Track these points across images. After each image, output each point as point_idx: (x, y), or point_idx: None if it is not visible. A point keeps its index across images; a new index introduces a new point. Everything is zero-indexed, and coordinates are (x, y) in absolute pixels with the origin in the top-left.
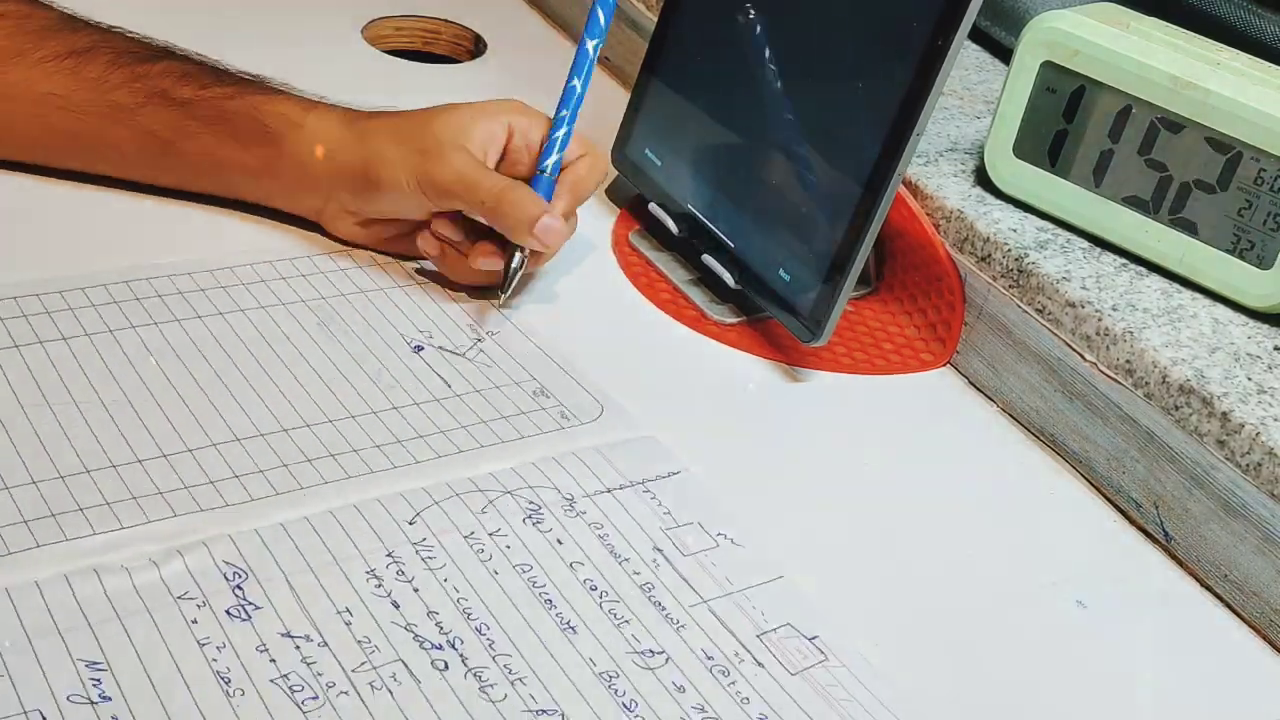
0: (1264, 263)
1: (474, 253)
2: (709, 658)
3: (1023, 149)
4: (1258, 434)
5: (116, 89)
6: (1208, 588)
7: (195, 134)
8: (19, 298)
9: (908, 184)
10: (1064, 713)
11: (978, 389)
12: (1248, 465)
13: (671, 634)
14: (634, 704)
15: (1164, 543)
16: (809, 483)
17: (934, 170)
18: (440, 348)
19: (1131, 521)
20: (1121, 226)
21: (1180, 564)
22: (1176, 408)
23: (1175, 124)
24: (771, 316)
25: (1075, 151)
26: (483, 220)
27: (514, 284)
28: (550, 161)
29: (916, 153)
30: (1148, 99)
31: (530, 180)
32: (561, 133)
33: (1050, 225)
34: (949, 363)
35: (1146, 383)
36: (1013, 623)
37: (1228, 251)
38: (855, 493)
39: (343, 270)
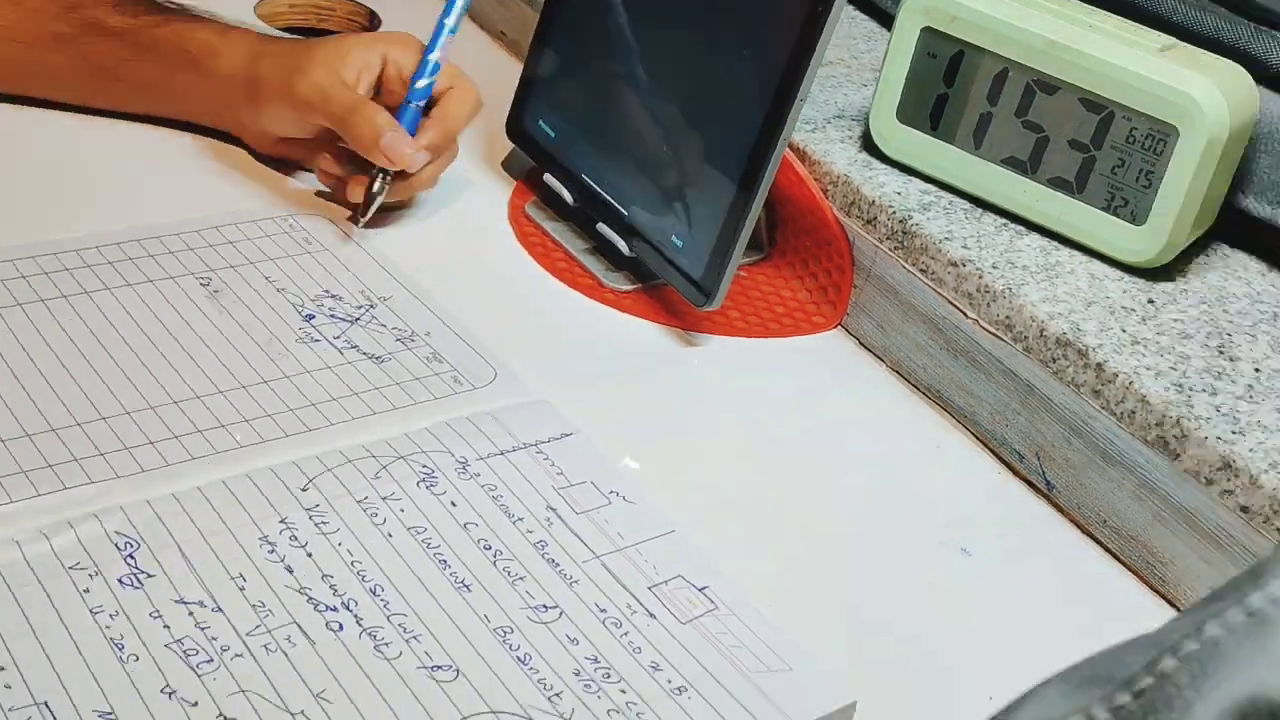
0: (1137, 219)
1: (350, 183)
2: (601, 610)
3: (906, 114)
4: (1131, 383)
5: (54, 19)
6: (1088, 534)
7: (127, 60)
8: None
9: (796, 150)
10: (951, 659)
11: (868, 349)
12: (1122, 414)
13: (565, 589)
14: (528, 657)
15: (1046, 492)
16: (704, 444)
17: (821, 136)
18: (332, 314)
19: (1015, 472)
20: (1001, 187)
21: (1062, 511)
22: (1054, 360)
23: (1050, 86)
24: (666, 283)
25: (956, 115)
26: (340, 134)
27: (373, 208)
28: (417, 87)
29: (805, 120)
30: (1024, 62)
31: (397, 109)
32: (431, 60)
33: (933, 188)
34: (840, 324)
35: (1026, 337)
36: (901, 574)
37: (1103, 209)
38: (749, 452)
39: (231, 243)
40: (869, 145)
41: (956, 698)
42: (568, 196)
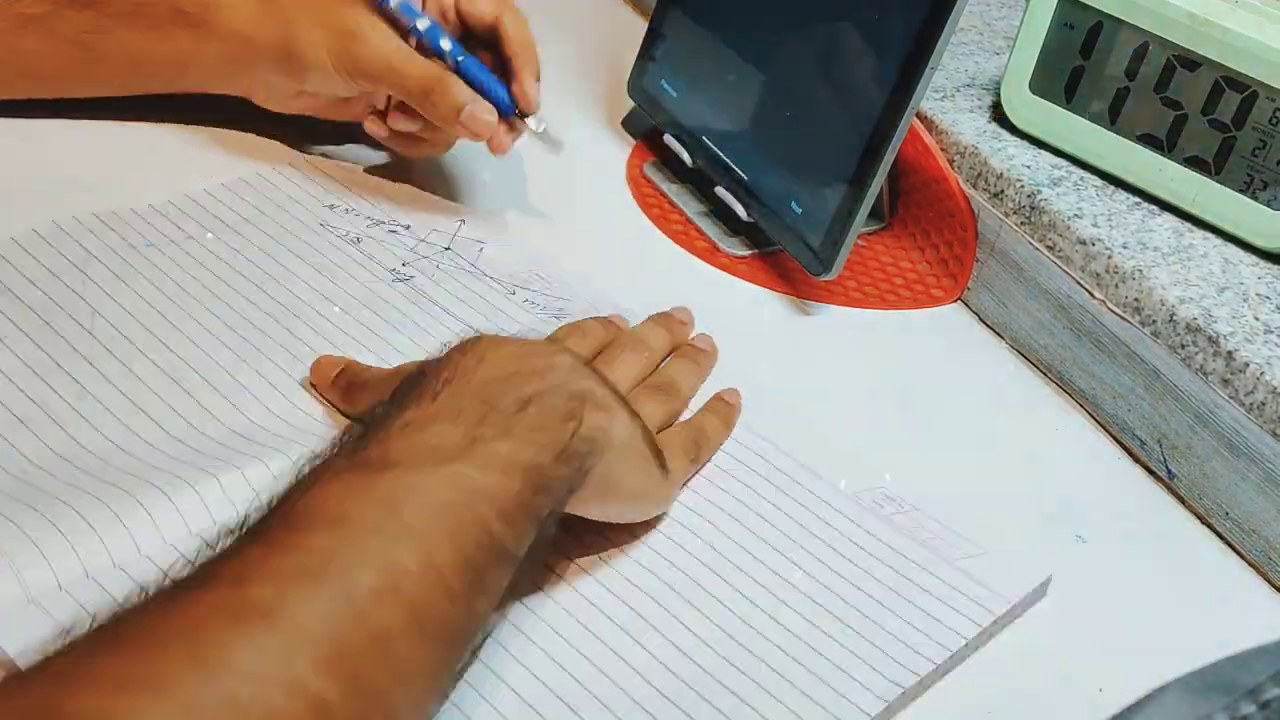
0: (1276, 203)
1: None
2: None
3: (1039, 85)
4: (1262, 373)
5: (20, 0)
6: (1208, 525)
7: (111, 31)
8: None
9: (923, 119)
10: (1059, 647)
11: (987, 325)
12: (1251, 404)
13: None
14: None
15: (1167, 480)
16: (815, 414)
17: (950, 105)
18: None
19: (1135, 459)
20: (1136, 165)
21: (1182, 501)
22: (1183, 346)
23: (1192, 62)
24: (783, 249)
25: (1092, 88)
26: (414, 107)
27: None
28: (449, 45)
29: (933, 88)
30: (1165, 36)
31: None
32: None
33: (1064, 162)
34: (959, 299)
35: (1154, 321)
36: (1012, 556)
37: (1241, 192)
38: (861, 426)
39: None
40: (999, 116)
41: (1065, 688)
42: (687, 158)
